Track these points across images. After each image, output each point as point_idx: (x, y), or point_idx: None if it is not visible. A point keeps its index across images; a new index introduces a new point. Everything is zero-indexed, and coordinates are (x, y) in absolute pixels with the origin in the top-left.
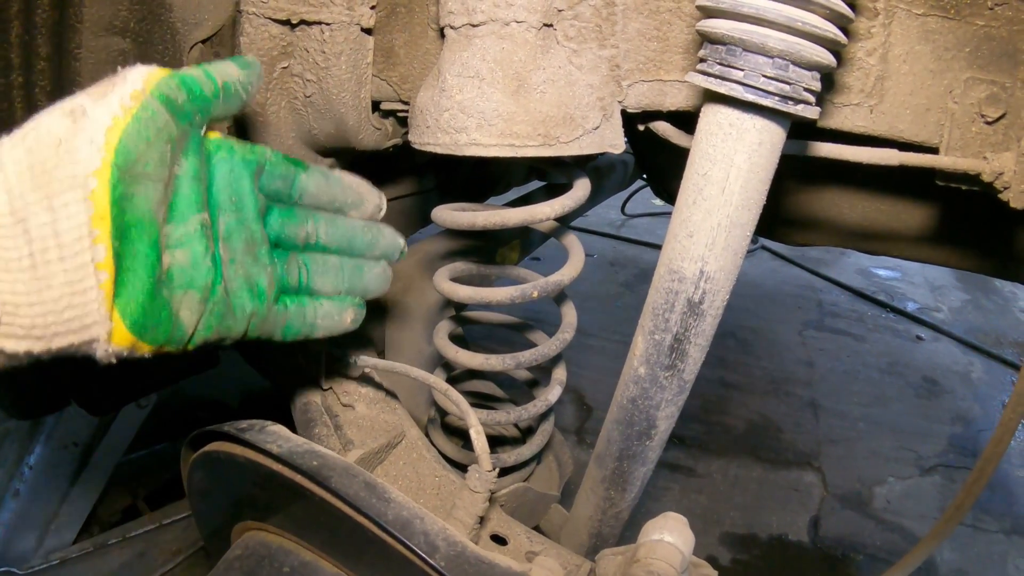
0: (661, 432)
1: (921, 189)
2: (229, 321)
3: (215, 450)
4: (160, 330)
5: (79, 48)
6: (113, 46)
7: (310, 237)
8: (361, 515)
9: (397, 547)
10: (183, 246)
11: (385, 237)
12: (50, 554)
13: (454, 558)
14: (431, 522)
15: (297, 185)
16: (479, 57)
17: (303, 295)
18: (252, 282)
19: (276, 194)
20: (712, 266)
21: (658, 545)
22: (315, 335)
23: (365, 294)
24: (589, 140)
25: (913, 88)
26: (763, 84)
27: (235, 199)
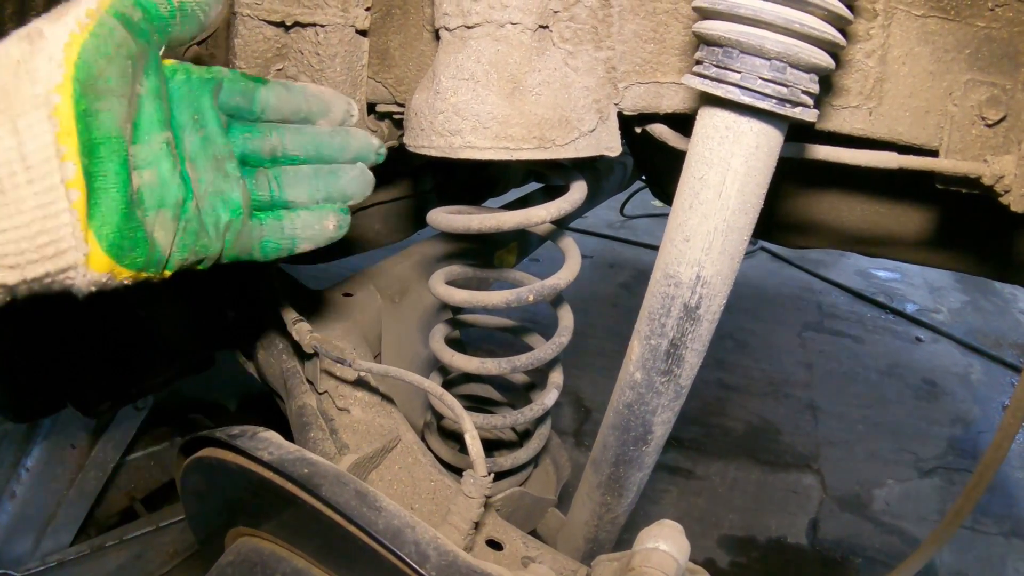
0: (657, 437)
1: (920, 192)
2: (204, 239)
3: (207, 456)
4: (138, 252)
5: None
6: None
7: (276, 150)
8: (351, 524)
9: (388, 556)
10: (150, 165)
11: (356, 139)
12: (47, 556)
13: (445, 567)
14: (422, 531)
15: (258, 99)
16: (474, 59)
17: (278, 208)
18: (224, 197)
19: (237, 110)
20: (709, 271)
21: (653, 553)
22: (298, 248)
23: (345, 198)
24: (585, 143)
25: (912, 90)
26: (760, 86)
27: (197, 117)
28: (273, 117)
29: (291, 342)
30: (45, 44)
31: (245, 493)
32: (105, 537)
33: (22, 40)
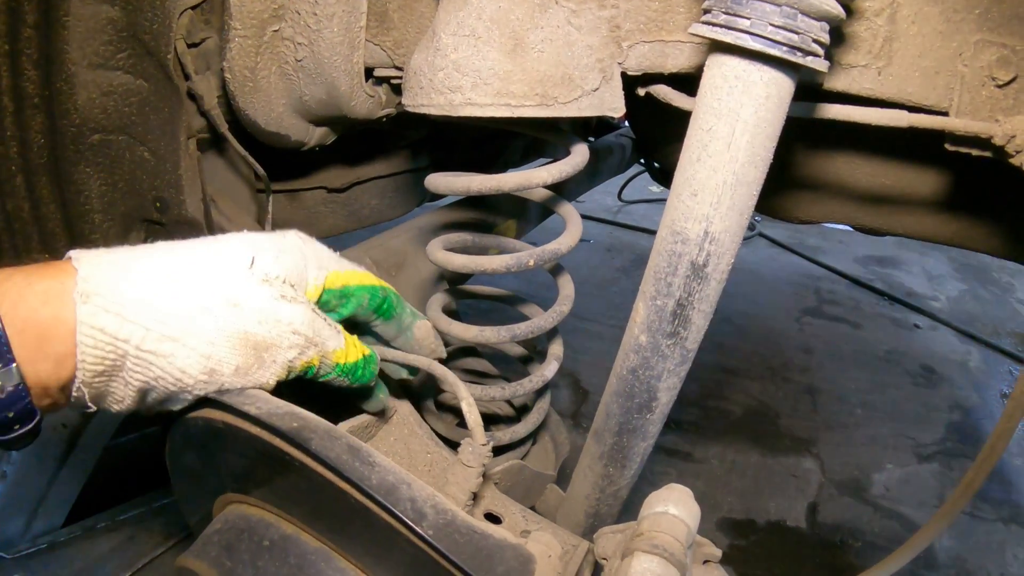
0: (663, 404)
1: (928, 159)
2: None
3: (194, 417)
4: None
5: (67, 16)
6: (101, 14)
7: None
8: (343, 480)
9: (381, 515)
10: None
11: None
12: (38, 538)
13: (443, 527)
14: (419, 488)
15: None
16: (475, 16)
17: None
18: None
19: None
20: (717, 227)
21: (662, 517)
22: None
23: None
24: (588, 102)
25: (922, 50)
26: (771, 33)
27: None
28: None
29: None
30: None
31: (233, 454)
32: (97, 519)
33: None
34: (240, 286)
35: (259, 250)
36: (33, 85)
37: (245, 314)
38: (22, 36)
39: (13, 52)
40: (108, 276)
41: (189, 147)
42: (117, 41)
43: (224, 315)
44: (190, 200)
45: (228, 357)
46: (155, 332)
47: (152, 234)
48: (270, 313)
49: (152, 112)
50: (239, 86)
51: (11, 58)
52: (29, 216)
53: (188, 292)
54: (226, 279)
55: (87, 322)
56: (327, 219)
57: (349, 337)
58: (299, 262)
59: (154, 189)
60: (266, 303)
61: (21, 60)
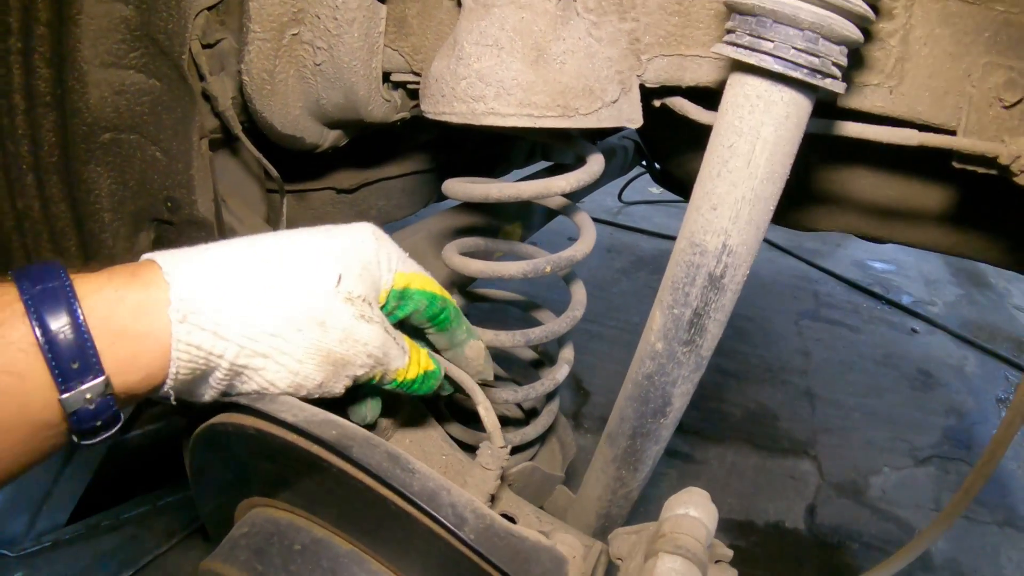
0: (676, 409)
1: (933, 174)
2: None
3: (221, 422)
4: None
5: (80, 14)
6: (115, 12)
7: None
8: (386, 487)
9: (423, 520)
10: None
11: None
12: (42, 536)
13: (483, 531)
14: (457, 494)
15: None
16: (498, 26)
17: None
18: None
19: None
20: (735, 240)
21: (683, 519)
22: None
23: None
24: (608, 113)
25: (932, 71)
26: (793, 56)
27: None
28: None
29: None
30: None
31: (264, 460)
32: (101, 517)
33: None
34: (328, 305)
35: (346, 268)
36: (45, 83)
37: (330, 334)
38: (35, 34)
39: (26, 49)
40: (203, 292)
41: (201, 147)
42: (131, 40)
43: (312, 334)
44: (201, 200)
45: (313, 374)
46: (248, 349)
47: (162, 233)
48: (351, 332)
49: (165, 112)
50: (256, 88)
51: (24, 55)
52: (39, 215)
53: (280, 310)
54: (315, 297)
55: (183, 339)
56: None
57: (415, 352)
58: (376, 275)
59: (165, 189)
60: (349, 322)
61: (34, 58)
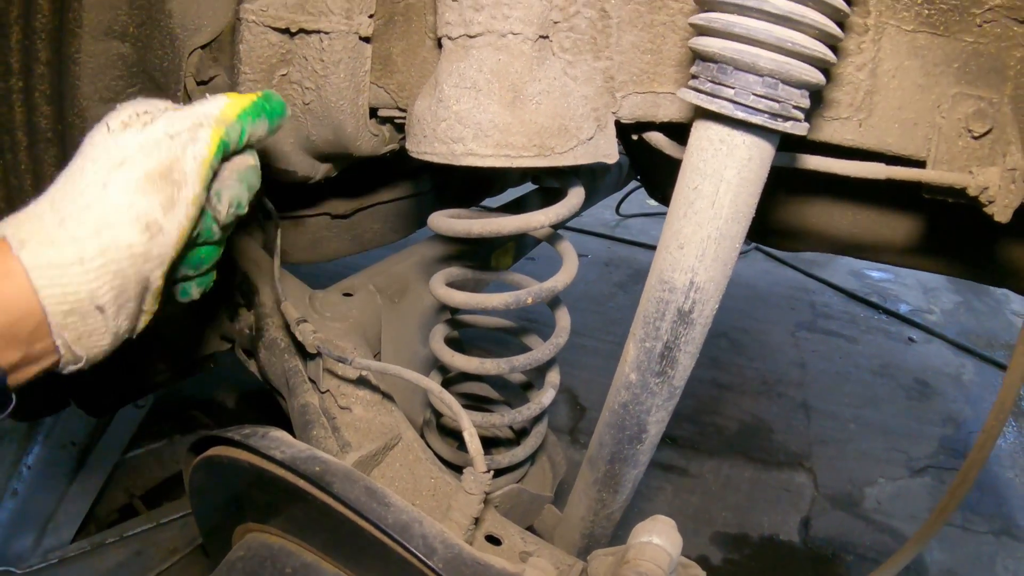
0: (652, 436)
1: (909, 200)
2: None
3: (218, 455)
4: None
5: (79, 53)
6: (113, 50)
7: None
8: (362, 519)
9: (397, 549)
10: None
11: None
12: (48, 553)
13: (451, 560)
14: (429, 525)
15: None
16: (476, 68)
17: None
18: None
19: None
20: (702, 277)
21: (647, 547)
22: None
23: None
24: (583, 150)
25: (902, 103)
26: (753, 102)
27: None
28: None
29: (293, 341)
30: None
31: (256, 490)
32: (106, 534)
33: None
34: (112, 148)
35: (109, 116)
36: (46, 120)
37: (131, 159)
38: (35, 73)
39: (27, 88)
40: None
41: None
42: (128, 76)
43: (120, 176)
44: None
45: (148, 201)
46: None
47: None
48: (145, 136)
49: None
50: None
51: (25, 94)
52: None
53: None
54: (103, 156)
55: (33, 264)
56: (331, 244)
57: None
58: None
59: None
60: (137, 136)
61: (34, 96)
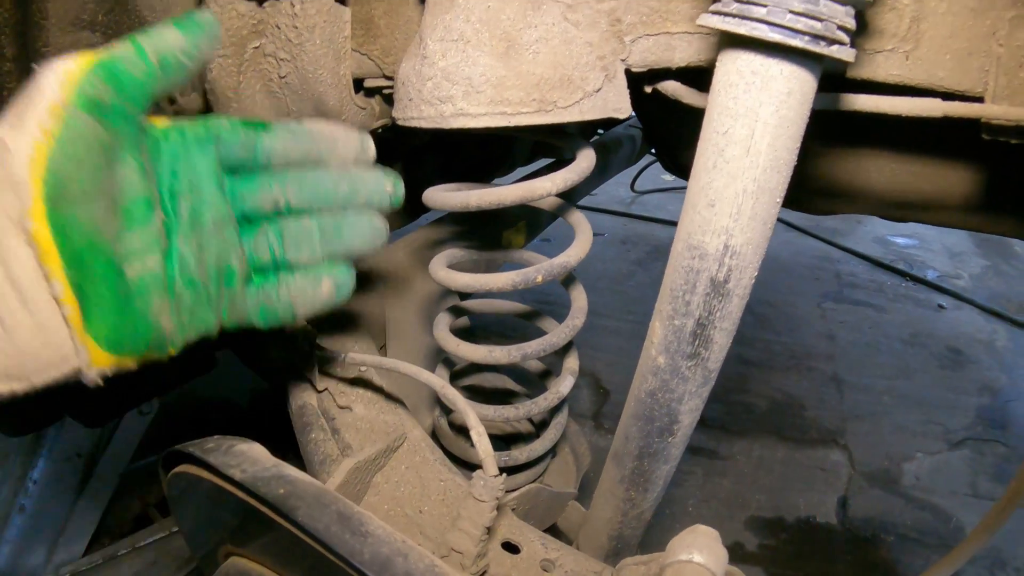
0: (684, 427)
1: (956, 148)
2: (201, 313)
3: (184, 472)
4: (139, 341)
5: (47, 46)
6: (82, 41)
7: (279, 202)
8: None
9: None
10: (150, 251)
11: (366, 183)
12: (60, 568)
13: None
14: (416, 559)
15: (261, 149)
16: (463, 18)
17: (274, 271)
18: (221, 267)
19: (240, 163)
20: (738, 239)
21: (686, 567)
22: (298, 315)
23: (349, 255)
24: (591, 104)
25: (952, 30)
26: (790, 21)
27: (192, 183)
28: (279, 163)
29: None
30: (11, 161)
31: (226, 513)
32: (118, 546)
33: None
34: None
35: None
36: None
37: None
38: (2, 70)
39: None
40: None
41: None
42: None
43: None
44: None
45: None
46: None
47: None
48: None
49: None
50: (223, 107)
51: None
52: None
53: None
54: None
55: None
56: None
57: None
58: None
59: None
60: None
61: (3, 95)
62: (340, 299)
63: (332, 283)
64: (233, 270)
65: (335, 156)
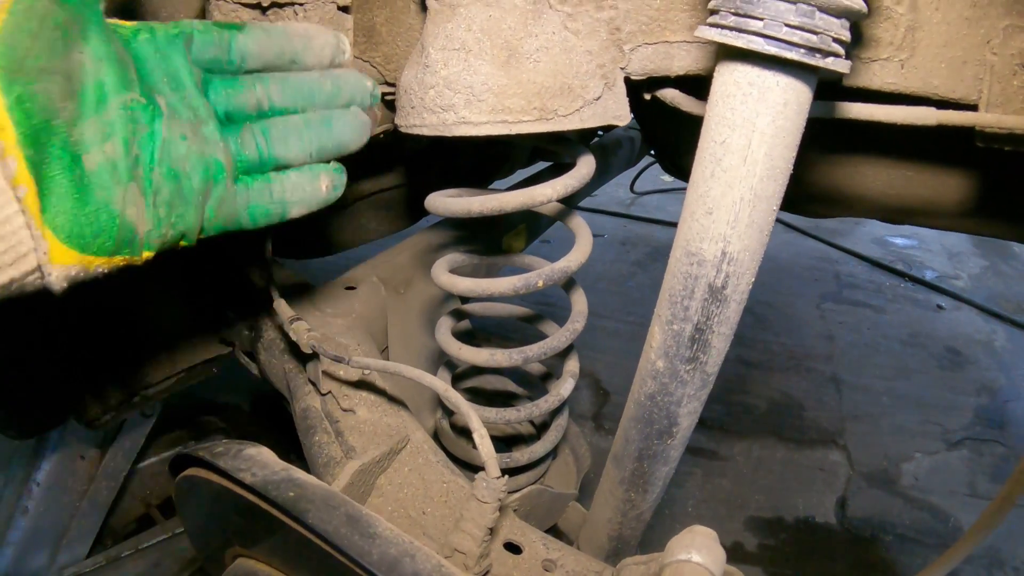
0: (683, 429)
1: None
2: (180, 209)
3: (194, 475)
4: (104, 236)
5: None
6: None
7: (262, 103)
8: (342, 555)
9: None
10: (108, 137)
11: (349, 81)
12: (63, 570)
13: None
14: (423, 559)
15: (235, 48)
16: (464, 27)
17: (267, 170)
18: (204, 160)
19: (215, 63)
20: (735, 246)
21: (685, 567)
22: (290, 213)
23: (340, 150)
24: (591, 112)
25: (947, 39)
26: (786, 35)
27: (168, 78)
28: (255, 66)
29: (291, 342)
30: None
31: (235, 515)
32: (121, 547)
33: None
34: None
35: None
36: None
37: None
38: None
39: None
40: None
41: None
42: None
43: None
44: None
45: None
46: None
47: None
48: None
49: None
50: None
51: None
52: None
53: None
54: None
55: None
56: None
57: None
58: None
59: None
60: None
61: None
62: (334, 196)
63: (329, 180)
64: (219, 163)
65: (311, 54)
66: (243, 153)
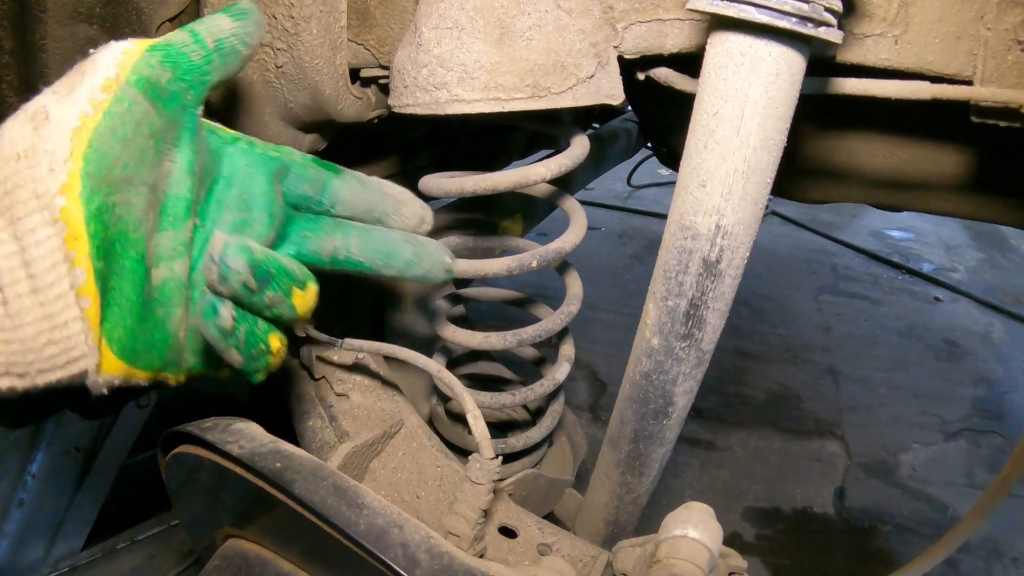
0: (679, 409)
1: (947, 134)
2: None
3: (183, 452)
4: (155, 354)
5: (44, 39)
6: (80, 34)
7: (339, 252)
8: (328, 525)
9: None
10: (181, 255)
11: (430, 253)
12: (59, 562)
13: (439, 572)
14: (412, 530)
15: (328, 191)
16: (457, 6)
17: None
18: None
19: (304, 200)
20: (729, 219)
21: (681, 542)
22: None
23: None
24: (584, 90)
25: (941, 14)
26: (778, 3)
27: (245, 199)
28: (343, 213)
29: None
30: (51, 131)
31: (224, 492)
32: (116, 540)
33: (26, 124)
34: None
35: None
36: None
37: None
38: (0, 63)
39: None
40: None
41: None
42: None
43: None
44: None
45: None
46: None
47: None
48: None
49: None
50: (220, 97)
51: None
52: None
53: None
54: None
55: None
56: None
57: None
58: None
59: None
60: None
61: (1, 87)
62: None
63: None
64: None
65: (399, 219)
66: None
